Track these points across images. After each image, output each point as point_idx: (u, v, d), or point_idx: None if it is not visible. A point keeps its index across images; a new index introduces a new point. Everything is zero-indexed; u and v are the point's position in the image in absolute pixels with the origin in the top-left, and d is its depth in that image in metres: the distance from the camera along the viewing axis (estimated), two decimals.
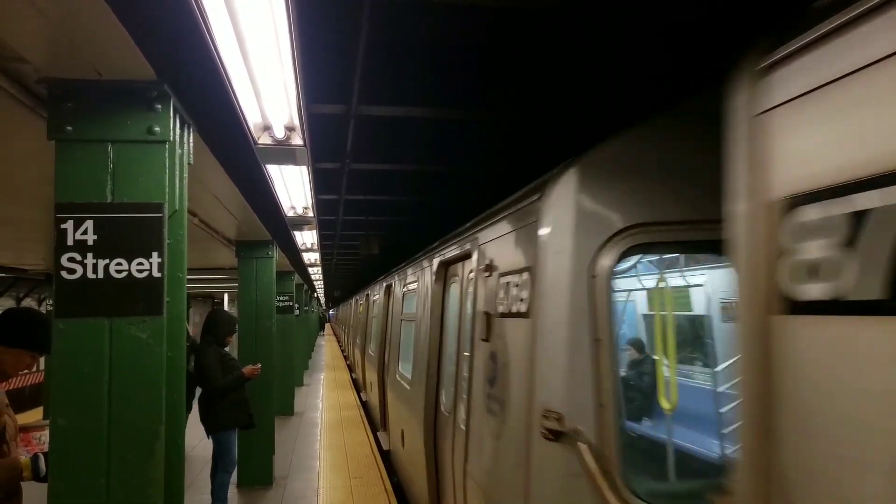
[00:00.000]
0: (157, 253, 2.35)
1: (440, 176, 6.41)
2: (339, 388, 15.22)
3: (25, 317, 2.72)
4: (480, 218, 3.92)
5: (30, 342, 2.65)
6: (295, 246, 8.12)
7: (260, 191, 4.46)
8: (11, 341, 2.62)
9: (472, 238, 4.05)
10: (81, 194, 2.30)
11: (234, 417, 5.74)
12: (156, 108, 2.36)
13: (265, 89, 2.78)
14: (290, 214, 5.56)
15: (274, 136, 3.15)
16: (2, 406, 2.53)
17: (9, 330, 2.63)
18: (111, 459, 2.24)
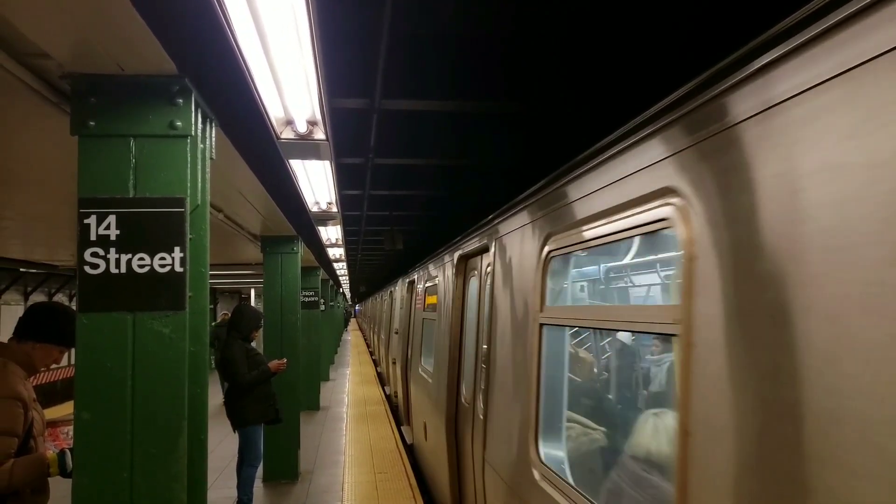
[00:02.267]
0: (180, 248, 2.35)
1: (464, 170, 6.35)
2: (365, 383, 15.30)
3: (53, 311, 2.77)
4: (499, 212, 3.87)
5: (58, 336, 2.70)
6: (320, 241, 8.15)
7: (283, 186, 4.46)
8: (40, 336, 2.67)
9: (490, 231, 4.00)
10: (104, 189, 2.31)
11: (261, 412, 5.79)
12: (177, 103, 2.36)
13: (286, 83, 2.76)
14: (315, 210, 5.56)
15: (296, 130, 3.14)
16: (29, 401, 2.54)
17: (37, 325, 2.68)
18: (134, 454, 2.25)
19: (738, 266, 1.39)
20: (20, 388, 2.49)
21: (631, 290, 2.73)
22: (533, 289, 2.87)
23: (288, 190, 4.63)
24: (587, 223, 2.32)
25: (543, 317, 2.75)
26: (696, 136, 1.58)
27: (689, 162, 1.60)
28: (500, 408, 3.38)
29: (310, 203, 5.39)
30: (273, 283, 7.14)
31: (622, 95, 3.79)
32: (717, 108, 1.50)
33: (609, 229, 2.11)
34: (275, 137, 3.15)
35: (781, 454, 1.20)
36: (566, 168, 2.58)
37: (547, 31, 3.58)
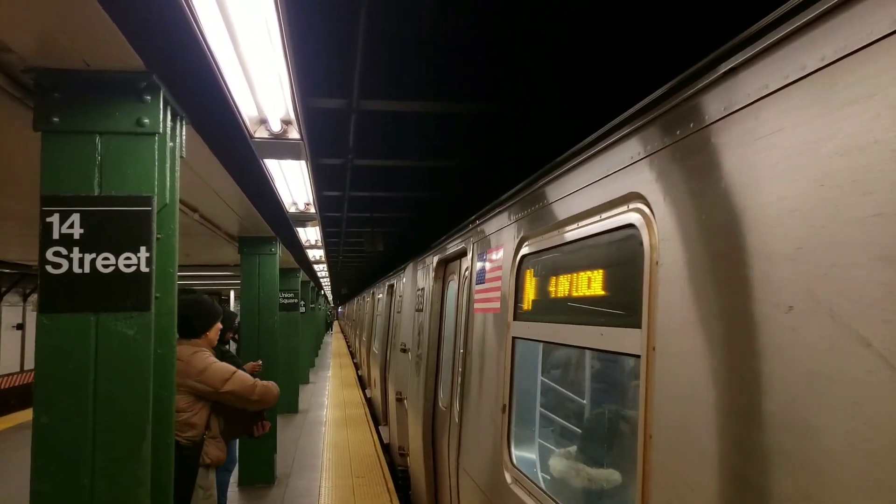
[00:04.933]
0: (146, 247, 2.30)
1: (446, 172, 6.30)
2: (346, 387, 15.20)
3: (196, 305, 3.70)
4: (476, 215, 3.86)
5: (212, 318, 3.78)
6: (299, 242, 8.08)
7: (259, 186, 4.41)
8: (205, 327, 3.70)
9: (467, 235, 3.99)
10: (68, 187, 2.25)
11: None
12: (145, 100, 2.31)
13: (258, 81, 2.72)
14: (292, 210, 5.50)
15: (270, 129, 3.10)
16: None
17: (196, 322, 3.65)
18: (96, 459, 2.19)
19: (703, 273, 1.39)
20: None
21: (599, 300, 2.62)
22: (506, 294, 2.86)
23: (264, 190, 4.57)
24: (559, 227, 2.31)
25: (516, 327, 2.74)
26: (663, 140, 1.57)
27: (657, 166, 1.59)
28: (475, 413, 3.36)
29: (287, 204, 5.33)
30: (251, 285, 7.06)
31: (607, 97, 3.79)
32: (686, 111, 1.49)
33: (578, 234, 2.11)
34: (248, 136, 3.11)
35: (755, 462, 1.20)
36: (541, 172, 2.57)
37: (530, 31, 3.58)
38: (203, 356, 3.53)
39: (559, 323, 2.23)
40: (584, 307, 2.04)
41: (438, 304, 5.07)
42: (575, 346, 2.16)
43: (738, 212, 1.27)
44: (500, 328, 2.94)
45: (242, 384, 3.53)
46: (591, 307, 1.98)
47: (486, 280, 3.30)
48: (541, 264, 2.54)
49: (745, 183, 1.26)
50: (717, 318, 1.30)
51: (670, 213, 1.51)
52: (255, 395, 3.57)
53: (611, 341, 1.78)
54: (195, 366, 3.45)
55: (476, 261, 3.62)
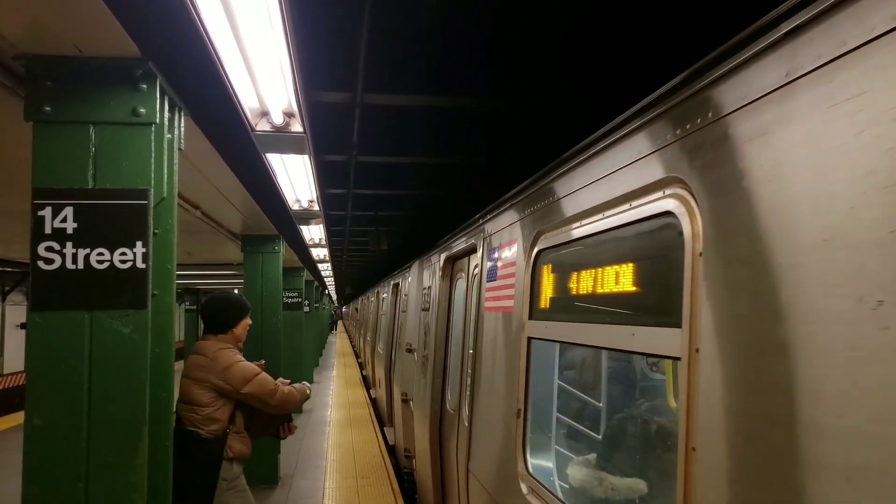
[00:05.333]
0: (142, 242, 2.20)
1: (450, 168, 6.20)
2: (350, 386, 15.12)
3: (221, 302, 3.66)
4: (487, 209, 3.75)
5: (239, 314, 3.66)
6: (302, 241, 7.99)
7: (261, 182, 4.31)
8: (230, 324, 3.59)
9: (477, 230, 3.89)
10: (61, 179, 2.16)
11: None
12: (141, 88, 2.21)
13: (260, 72, 2.63)
14: (296, 208, 5.41)
15: (272, 121, 3.00)
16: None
17: (221, 318, 3.58)
18: (90, 463, 2.10)
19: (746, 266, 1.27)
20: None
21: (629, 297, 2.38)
22: (521, 292, 2.75)
23: (266, 186, 4.48)
24: (580, 219, 2.21)
25: (532, 326, 2.63)
26: (707, 116, 1.45)
27: (699, 144, 1.47)
28: (487, 416, 3.25)
29: (290, 201, 5.24)
30: (254, 284, 6.97)
31: (614, 90, 3.69)
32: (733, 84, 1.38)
33: (603, 225, 2.00)
34: (250, 129, 3.01)
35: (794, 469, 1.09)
36: (558, 161, 2.46)
37: (534, 27, 3.48)
38: (228, 353, 3.45)
39: (582, 322, 2.12)
40: (611, 305, 1.92)
41: (446, 303, 4.96)
42: (601, 347, 2.04)
43: (807, 191, 1.13)
44: (513, 328, 2.83)
45: (262, 388, 3.43)
46: (620, 305, 1.86)
47: (498, 277, 3.20)
48: (560, 259, 2.43)
49: (817, 157, 1.12)
50: (777, 315, 1.16)
51: (717, 197, 1.39)
52: (275, 400, 3.48)
53: (644, 342, 1.67)
54: (220, 362, 3.39)
55: (487, 257, 3.51)
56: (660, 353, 1.59)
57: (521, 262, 2.84)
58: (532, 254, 2.70)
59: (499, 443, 2.96)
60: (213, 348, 3.46)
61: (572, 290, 2.27)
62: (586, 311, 2.14)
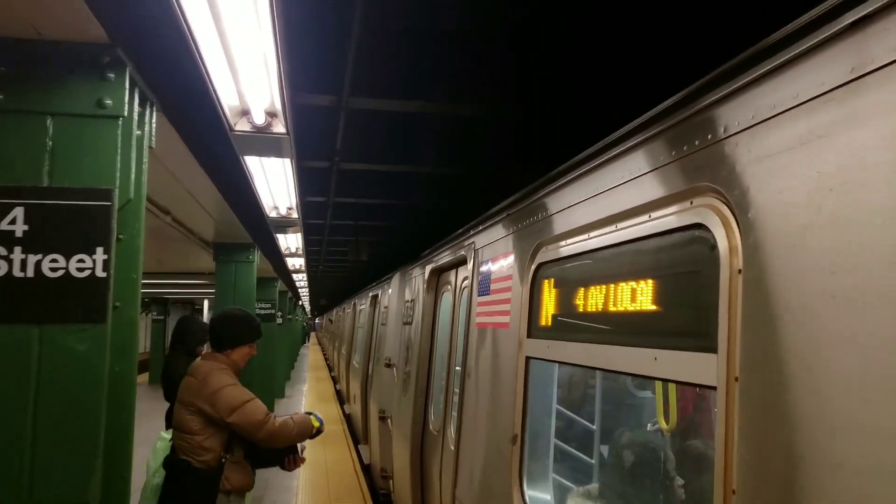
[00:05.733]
0: (103, 248, 1.96)
1: (440, 178, 5.99)
2: (323, 401, 14.73)
3: (232, 319, 3.29)
4: (479, 219, 3.57)
5: (245, 337, 3.24)
6: (278, 250, 7.72)
7: (238, 187, 4.07)
8: (232, 342, 3.19)
9: (468, 242, 3.70)
10: (11, 176, 1.92)
11: None
12: (107, 77, 1.99)
13: (243, 67, 2.42)
14: (273, 215, 5.17)
15: (253, 121, 2.79)
16: None
17: (225, 335, 3.20)
18: (34, 498, 1.84)
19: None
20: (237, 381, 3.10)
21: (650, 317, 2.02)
22: (518, 308, 2.57)
23: (243, 191, 4.24)
24: (587, 231, 2.03)
25: (531, 345, 2.44)
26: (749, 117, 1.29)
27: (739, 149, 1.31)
28: (477, 440, 3.05)
29: (268, 208, 5.00)
30: (226, 295, 6.69)
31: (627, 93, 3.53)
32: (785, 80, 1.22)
33: (615, 238, 1.83)
34: (228, 128, 2.79)
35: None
36: (561, 169, 2.29)
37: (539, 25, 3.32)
38: (219, 376, 3.04)
39: (592, 343, 1.94)
40: (627, 325, 1.75)
41: (430, 318, 4.76)
42: (615, 371, 1.86)
43: (881, 200, 0.99)
44: (509, 346, 2.64)
45: (248, 418, 2.97)
46: (638, 325, 1.69)
47: (492, 291, 3.01)
48: (564, 274, 2.25)
49: (887, 162, 0.98)
50: (839, 343, 1.01)
51: (761, 207, 1.23)
52: (262, 433, 3.01)
53: (669, 367, 1.49)
54: (209, 385, 2.99)
55: (478, 270, 3.33)
56: (688, 380, 1.42)
57: (517, 275, 2.66)
58: (531, 267, 2.52)
59: (492, 469, 2.76)
60: (206, 369, 3.10)
61: (579, 307, 2.09)
62: (597, 330, 1.96)
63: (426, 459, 4.56)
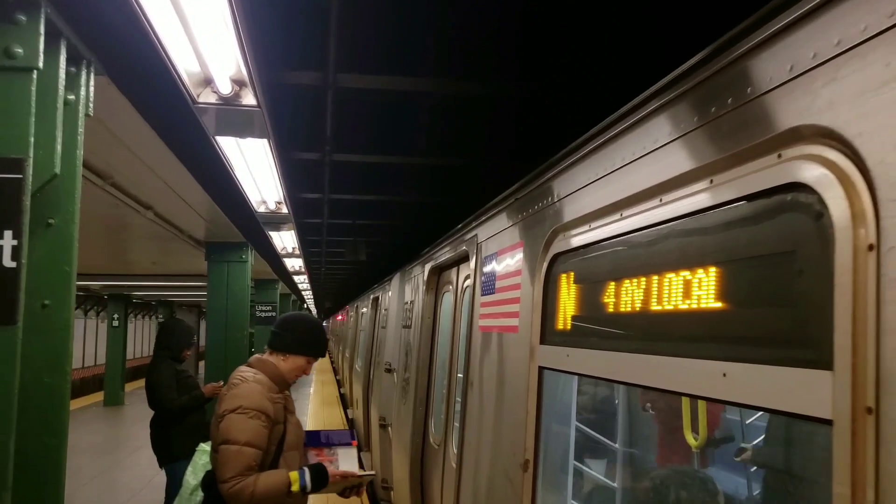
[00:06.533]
0: (13, 232, 1.58)
1: (443, 171, 5.51)
2: (326, 405, 14.36)
3: (305, 323, 2.87)
4: (483, 210, 3.17)
5: (308, 349, 2.79)
6: (274, 250, 7.34)
7: (217, 175, 3.69)
8: (290, 348, 2.74)
9: (470, 236, 3.30)
10: None
11: (191, 445, 4.92)
12: (16, 19, 1.61)
13: (197, 24, 2.04)
14: (262, 210, 4.80)
15: (218, 91, 2.40)
16: (278, 414, 2.59)
17: (288, 337, 2.76)
18: None
19: None
20: (264, 402, 2.55)
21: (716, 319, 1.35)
22: (530, 309, 2.16)
23: (224, 181, 3.85)
24: (621, 208, 1.63)
25: (545, 353, 2.04)
26: None
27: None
28: (480, 461, 2.65)
29: (255, 202, 4.62)
30: (218, 296, 6.33)
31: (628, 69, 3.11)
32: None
33: (661, 214, 1.42)
34: (190, 100, 2.41)
35: None
36: (588, 136, 1.88)
37: None
38: (247, 393, 2.54)
39: (627, 352, 1.53)
40: (681, 328, 1.34)
41: (430, 320, 4.36)
42: (663, 389, 1.43)
43: None
44: (517, 353, 2.24)
45: (223, 460, 2.45)
46: (698, 328, 1.28)
47: (497, 290, 2.61)
48: (587, 265, 1.85)
49: None
50: None
51: None
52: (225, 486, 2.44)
53: (749, 388, 1.08)
54: (232, 398, 2.53)
55: (482, 266, 2.93)
56: (782, 407, 1.00)
57: (527, 270, 2.26)
58: (545, 259, 2.11)
59: (500, 499, 2.35)
60: (240, 375, 2.64)
61: (609, 306, 1.68)
62: (634, 336, 1.55)
63: (427, 474, 4.17)
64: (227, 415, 2.51)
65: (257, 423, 2.51)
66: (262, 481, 2.48)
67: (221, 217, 4.82)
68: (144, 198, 4.29)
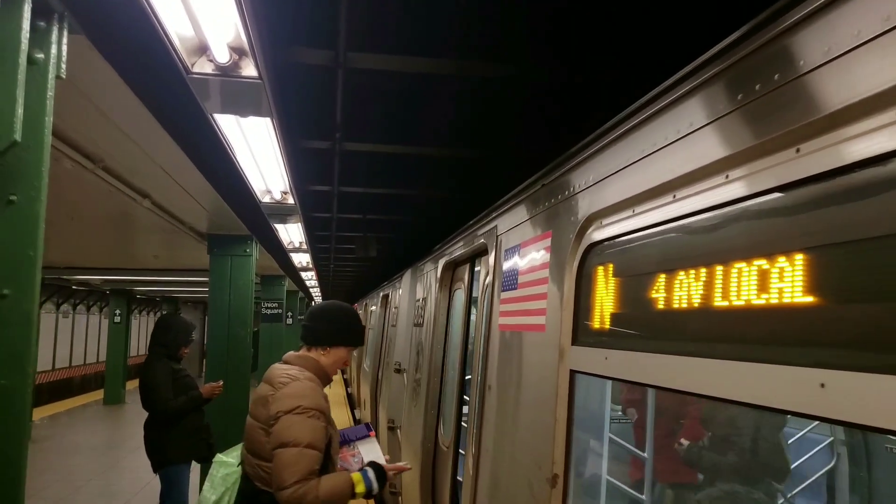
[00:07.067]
0: None
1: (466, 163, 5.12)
2: (333, 406, 13.99)
3: (343, 312, 2.70)
4: (504, 199, 2.91)
5: (351, 338, 2.66)
6: (280, 244, 7.11)
7: (217, 160, 3.44)
8: (332, 340, 2.59)
9: (489, 228, 3.04)
10: None
11: (188, 448, 4.71)
12: None
13: None
14: (267, 200, 4.56)
15: (214, 59, 2.15)
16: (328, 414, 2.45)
17: (329, 328, 2.60)
18: None
19: None
20: (322, 401, 2.43)
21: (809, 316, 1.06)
22: (560, 305, 1.90)
23: (224, 167, 3.61)
24: (677, 188, 1.37)
25: (578, 355, 1.78)
26: None
27: None
28: (499, 474, 2.39)
29: (259, 192, 4.38)
30: (220, 291, 6.10)
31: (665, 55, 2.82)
32: None
33: (734, 191, 1.16)
34: (183, 70, 2.16)
35: None
36: (636, 106, 1.61)
37: None
38: (304, 390, 2.36)
39: (687, 356, 1.27)
40: (759, 328, 1.08)
41: (444, 319, 4.11)
42: (737, 402, 1.16)
43: None
44: (544, 355, 1.98)
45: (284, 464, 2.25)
46: (785, 329, 1.02)
47: (520, 285, 2.35)
48: (632, 255, 1.58)
49: None
50: None
51: None
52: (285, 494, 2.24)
53: (859, 404, 0.81)
54: (291, 396, 2.33)
55: (503, 259, 2.67)
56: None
57: (556, 263, 2.00)
58: (577, 250, 1.85)
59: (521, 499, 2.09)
60: (285, 373, 2.42)
61: (657, 302, 1.41)
62: (694, 336, 1.29)
63: (438, 481, 3.92)
64: (283, 416, 2.30)
65: (318, 423, 2.34)
66: (324, 484, 2.30)
67: (224, 208, 4.58)
68: (140, 184, 4.06)
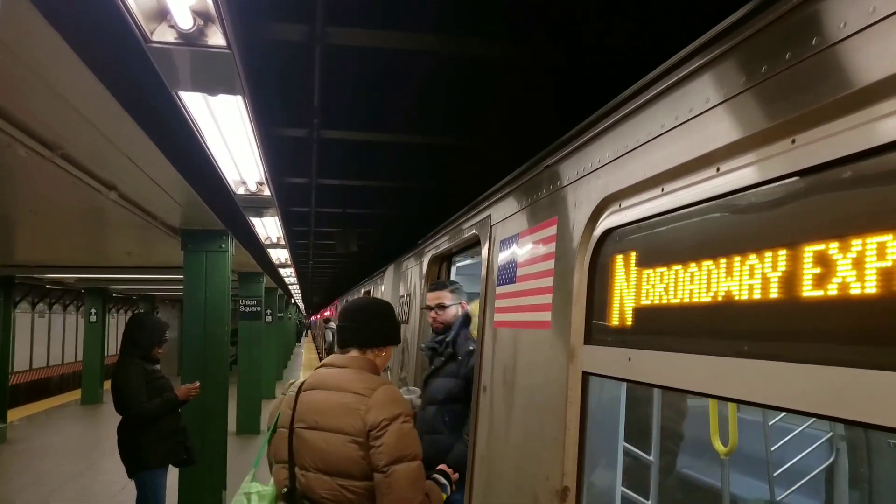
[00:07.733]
0: None
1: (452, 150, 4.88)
2: None
3: (387, 311, 2.56)
4: (500, 185, 2.71)
5: (397, 336, 2.54)
6: (257, 239, 6.84)
7: (183, 144, 3.18)
8: (386, 340, 2.47)
9: (482, 217, 2.84)
10: None
11: (164, 452, 4.48)
12: None
13: None
14: (241, 192, 4.30)
15: (176, 24, 1.91)
16: None
17: (381, 329, 2.45)
18: None
19: None
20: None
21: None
22: (569, 300, 1.71)
23: (194, 154, 3.35)
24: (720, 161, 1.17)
25: (592, 356, 1.58)
26: None
27: None
28: (500, 482, 2.20)
29: (232, 182, 4.13)
30: (195, 289, 5.82)
31: None
32: None
33: (788, 164, 0.98)
34: (141, 38, 1.92)
35: None
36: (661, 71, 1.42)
37: None
38: (396, 396, 2.20)
39: (730, 356, 1.08)
40: (818, 325, 0.90)
41: None
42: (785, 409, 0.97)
43: None
44: (550, 356, 1.79)
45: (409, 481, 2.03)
46: (846, 325, 0.84)
47: (519, 279, 2.15)
48: (661, 240, 1.39)
49: None
50: None
51: None
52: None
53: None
54: (389, 403, 2.12)
55: (499, 250, 2.47)
56: None
57: (564, 252, 1.80)
58: (592, 237, 1.65)
59: None
60: (359, 378, 2.20)
61: (688, 295, 1.22)
62: (738, 334, 1.10)
63: None
64: (390, 425, 2.06)
65: (416, 431, 2.17)
66: (434, 499, 2.18)
67: (196, 200, 4.32)
68: (105, 175, 3.78)
